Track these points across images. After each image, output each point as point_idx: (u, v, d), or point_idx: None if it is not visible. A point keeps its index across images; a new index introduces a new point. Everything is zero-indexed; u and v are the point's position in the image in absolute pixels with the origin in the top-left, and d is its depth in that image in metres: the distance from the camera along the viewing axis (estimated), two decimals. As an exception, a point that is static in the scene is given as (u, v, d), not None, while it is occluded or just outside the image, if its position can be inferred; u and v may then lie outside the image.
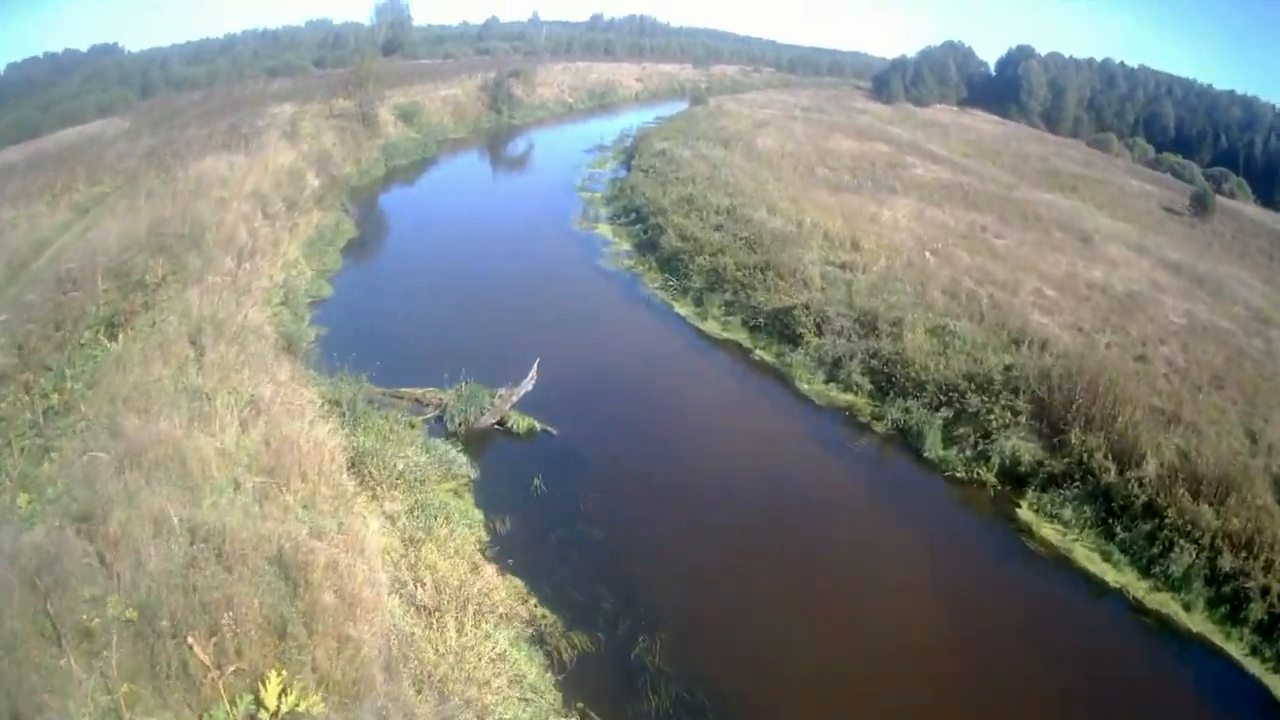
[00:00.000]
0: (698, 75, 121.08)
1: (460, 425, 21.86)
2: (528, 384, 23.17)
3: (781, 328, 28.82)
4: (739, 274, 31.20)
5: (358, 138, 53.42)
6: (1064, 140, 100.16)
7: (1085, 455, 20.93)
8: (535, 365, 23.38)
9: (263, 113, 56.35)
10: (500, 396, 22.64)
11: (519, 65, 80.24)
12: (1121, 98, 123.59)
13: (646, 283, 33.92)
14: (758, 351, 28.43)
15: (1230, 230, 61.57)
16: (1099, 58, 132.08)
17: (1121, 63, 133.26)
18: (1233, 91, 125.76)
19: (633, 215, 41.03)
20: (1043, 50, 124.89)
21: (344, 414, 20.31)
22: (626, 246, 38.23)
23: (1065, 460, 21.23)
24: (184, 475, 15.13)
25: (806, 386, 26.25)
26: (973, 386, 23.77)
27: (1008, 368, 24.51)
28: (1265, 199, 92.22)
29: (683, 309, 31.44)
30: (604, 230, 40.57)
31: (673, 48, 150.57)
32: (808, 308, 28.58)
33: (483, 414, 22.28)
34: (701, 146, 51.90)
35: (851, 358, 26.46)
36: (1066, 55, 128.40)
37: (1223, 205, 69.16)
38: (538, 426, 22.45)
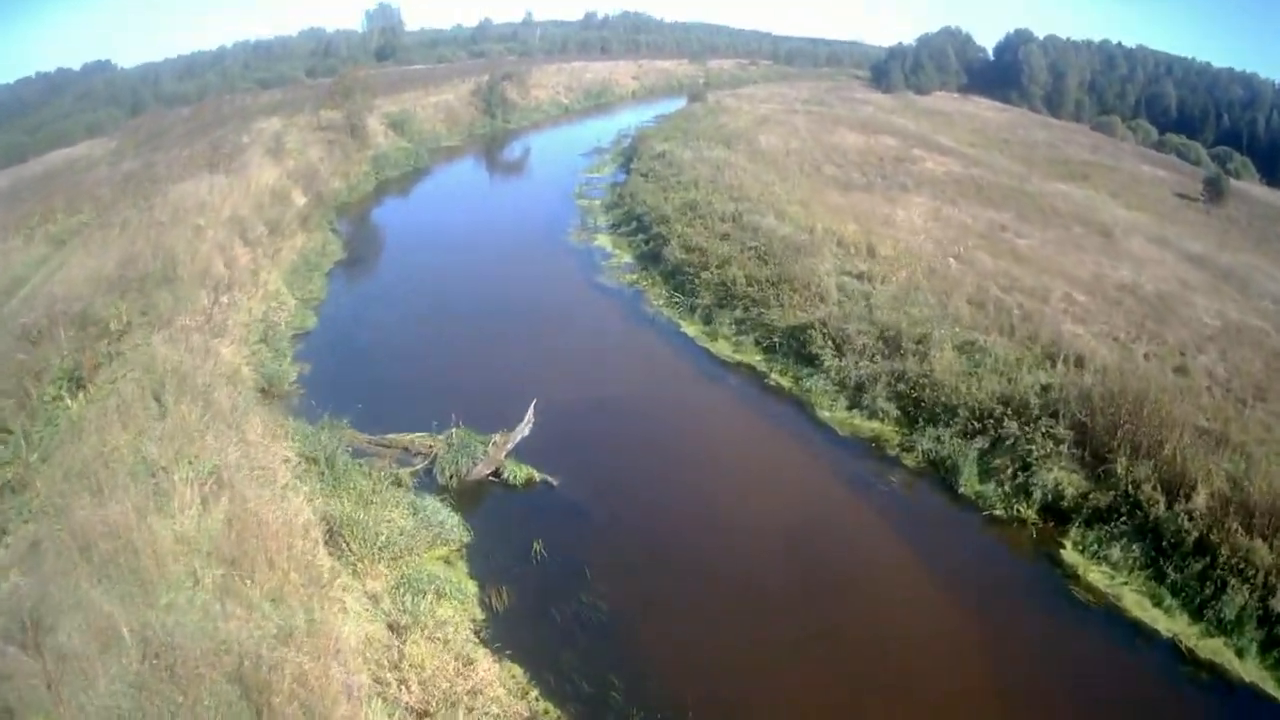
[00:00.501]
0: (695, 71, 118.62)
1: (451, 478, 19.77)
2: (524, 428, 21.18)
3: (798, 348, 26.69)
4: (750, 289, 29.09)
5: (346, 150, 51.34)
6: (1068, 125, 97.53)
7: (1132, 486, 18.75)
8: (532, 407, 21.42)
9: (249, 128, 54.49)
10: (494, 444, 20.57)
11: (511, 68, 77.94)
12: (1122, 79, 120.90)
13: (651, 299, 31.78)
14: (773, 376, 26.29)
15: (1245, 215, 58.98)
16: (1095, 39, 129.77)
17: (1119, 43, 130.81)
18: (1231, 69, 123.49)
19: (633, 224, 38.90)
20: (1039, 33, 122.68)
21: (322, 473, 18.33)
22: (628, 259, 36.11)
23: (1111, 492, 18.99)
24: (137, 570, 13.18)
25: (827, 415, 24.10)
26: (1009, 411, 21.59)
27: (1045, 388, 22.33)
28: (1270, 178, 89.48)
29: (690, 328, 29.31)
30: (604, 241, 38.45)
31: (668, 43, 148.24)
32: (825, 325, 26.44)
33: (476, 464, 20.17)
34: (702, 147, 49.68)
35: (875, 381, 24.36)
36: (1064, 37, 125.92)
37: (1234, 188, 66.63)
38: (536, 477, 20.33)
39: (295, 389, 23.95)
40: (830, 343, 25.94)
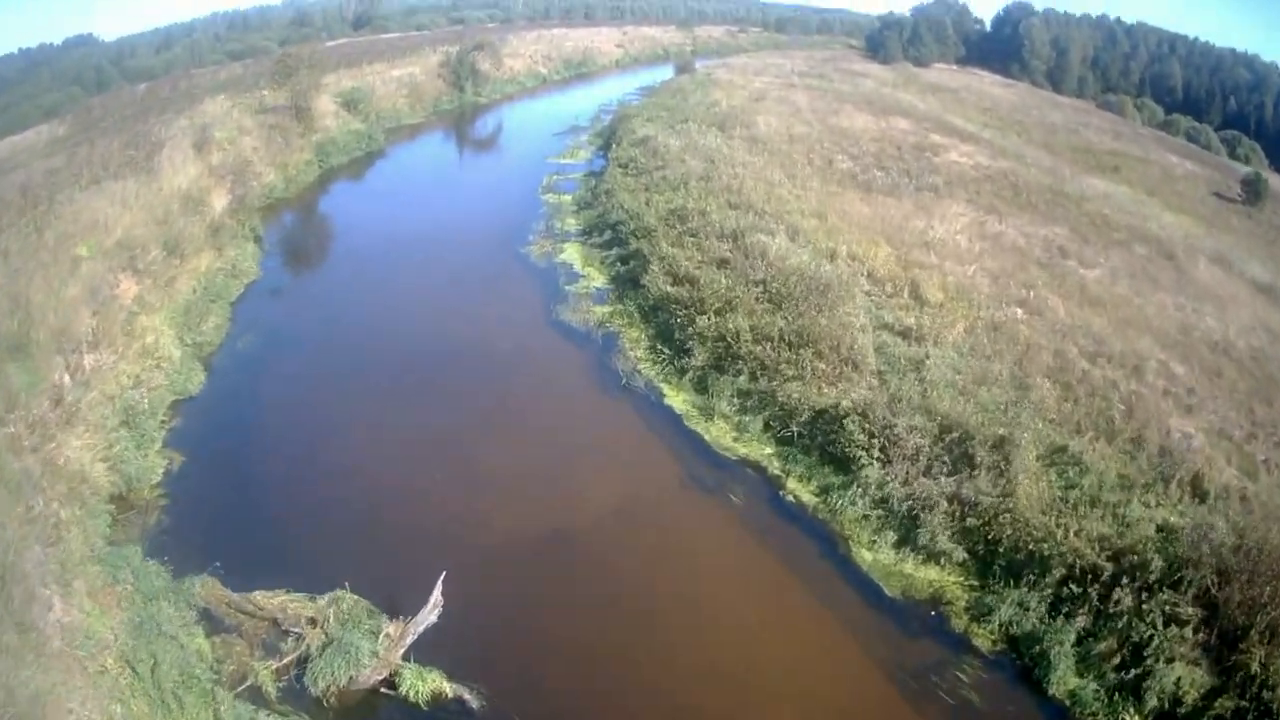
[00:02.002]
0: (682, 38, 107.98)
1: (329, 690, 12.45)
2: (429, 614, 13.60)
3: (825, 442, 18.32)
4: (758, 348, 20.39)
5: (288, 135, 41.70)
6: (1077, 104, 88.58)
7: (1268, 690, 12.64)
8: (439, 586, 13.71)
9: (194, 110, 44.94)
10: (387, 636, 13.16)
11: (483, 37, 67.57)
12: (1125, 56, 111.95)
13: (626, 346, 23.11)
14: (790, 484, 17.88)
15: (1288, 219, 51.06)
16: (1093, 13, 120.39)
17: (1118, 19, 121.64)
18: (1234, 50, 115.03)
19: (608, 233, 29.96)
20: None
21: (151, 693, 11.69)
22: (599, 282, 27.29)
23: (1240, 699, 12.78)
24: None
25: (868, 557, 16.10)
26: (1118, 567, 14.52)
27: (1164, 534, 15.09)
28: (1277, 164, 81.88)
29: (677, 399, 20.69)
30: (572, 255, 29.50)
31: (655, 9, 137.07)
32: (863, 413, 17.92)
33: (362, 667, 12.72)
34: (693, 131, 40.46)
35: (934, 507, 16.34)
36: (1061, 11, 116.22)
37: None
38: (447, 689, 12.74)
39: (157, 497, 17.08)
40: (871, 440, 17.55)
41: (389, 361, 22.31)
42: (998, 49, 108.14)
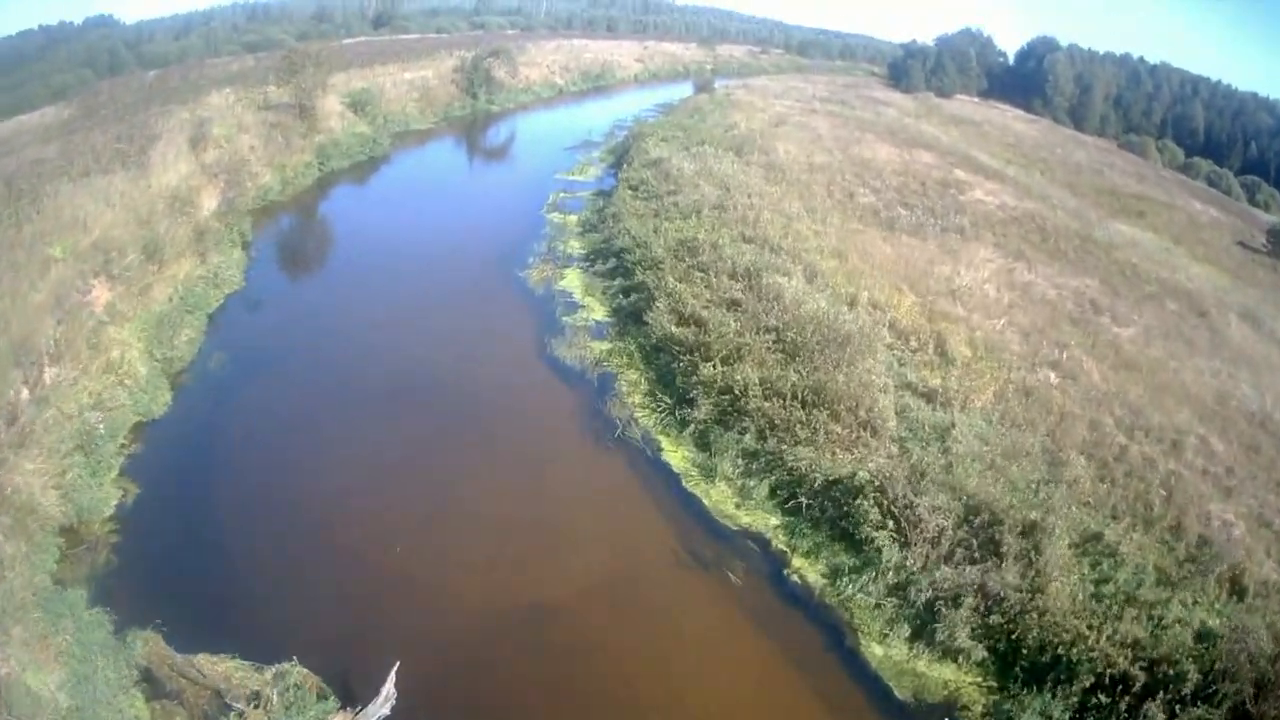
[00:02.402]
0: (703, 56, 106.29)
1: None
2: (380, 709, 11.84)
3: (837, 516, 16.28)
4: (768, 405, 18.30)
5: (289, 135, 39.77)
6: (1101, 143, 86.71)
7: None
8: (391, 678, 11.93)
9: (197, 101, 43.19)
10: None
11: (500, 44, 65.79)
12: (1148, 96, 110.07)
13: (623, 389, 21.04)
14: (796, 562, 15.83)
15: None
16: (1116, 51, 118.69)
17: (1141, 58, 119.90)
18: (1256, 95, 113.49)
19: (612, 261, 27.94)
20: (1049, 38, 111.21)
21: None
22: (599, 315, 25.24)
23: None
24: None
25: (879, 651, 14.15)
26: (1151, 678, 12.87)
27: (1202, 641, 13.42)
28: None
29: (676, 455, 18.62)
30: (572, 282, 27.47)
31: (677, 26, 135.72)
32: (881, 489, 15.86)
33: None
34: (708, 155, 38.55)
35: (956, 600, 14.33)
36: (1085, 47, 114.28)
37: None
38: None
39: (108, 533, 15.25)
40: (889, 518, 15.50)
41: (366, 394, 20.32)
42: (1020, 83, 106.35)
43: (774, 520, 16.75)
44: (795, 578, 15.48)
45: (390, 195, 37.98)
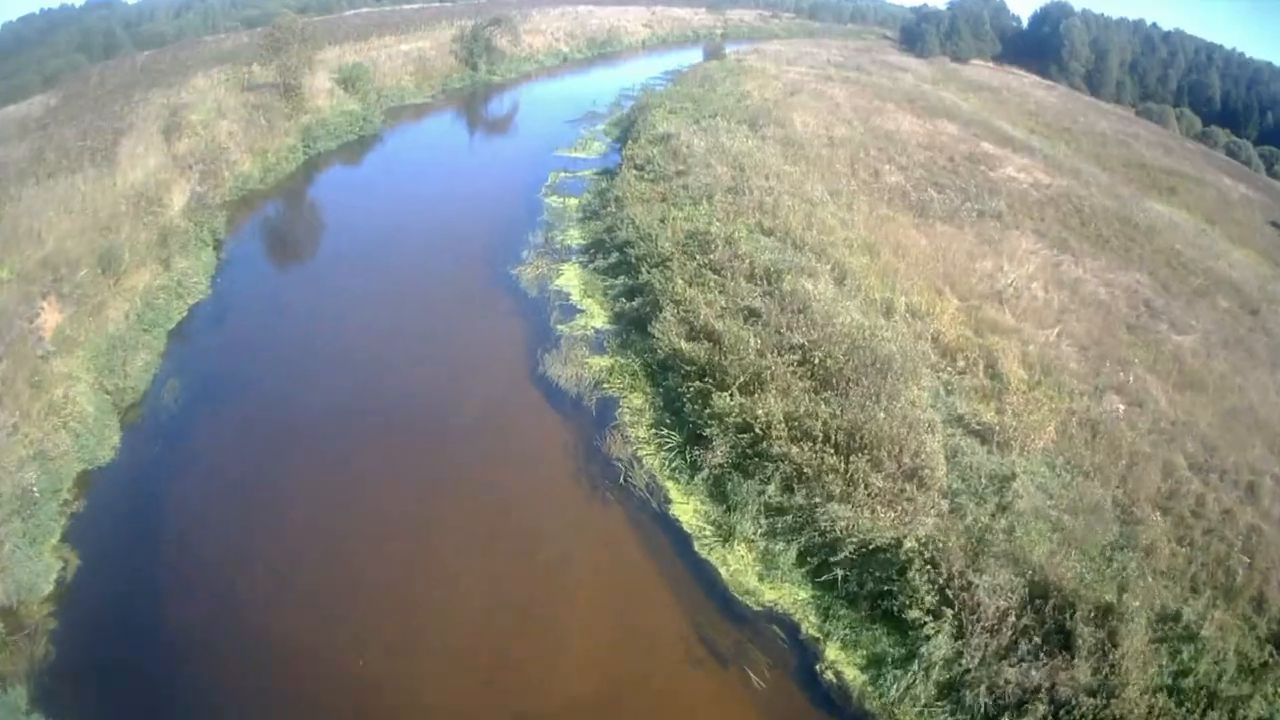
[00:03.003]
0: (712, 20, 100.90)
1: None
2: None
3: (878, 592, 13.09)
4: (797, 449, 14.82)
5: (272, 117, 35.96)
6: (1117, 110, 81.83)
7: None
8: None
9: (185, 84, 39.62)
10: None
11: (502, 12, 61.30)
12: (1163, 63, 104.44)
13: (626, 419, 17.65)
14: (831, 652, 12.66)
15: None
16: (1130, 17, 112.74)
17: (1155, 24, 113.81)
18: (1271, 64, 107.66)
19: (614, 255, 24.35)
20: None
21: None
22: (600, 321, 21.75)
23: None
24: None
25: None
26: None
27: None
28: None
29: (687, 508, 15.27)
30: (570, 279, 23.95)
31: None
32: (932, 563, 12.58)
33: None
34: (720, 128, 34.66)
35: (1021, 705, 11.21)
36: (1098, 12, 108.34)
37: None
38: None
39: (48, 614, 12.52)
40: (938, 595, 12.19)
41: (333, 425, 17.04)
42: (1035, 48, 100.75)
43: (804, 594, 13.46)
44: (830, 675, 12.23)
45: (376, 179, 34.23)
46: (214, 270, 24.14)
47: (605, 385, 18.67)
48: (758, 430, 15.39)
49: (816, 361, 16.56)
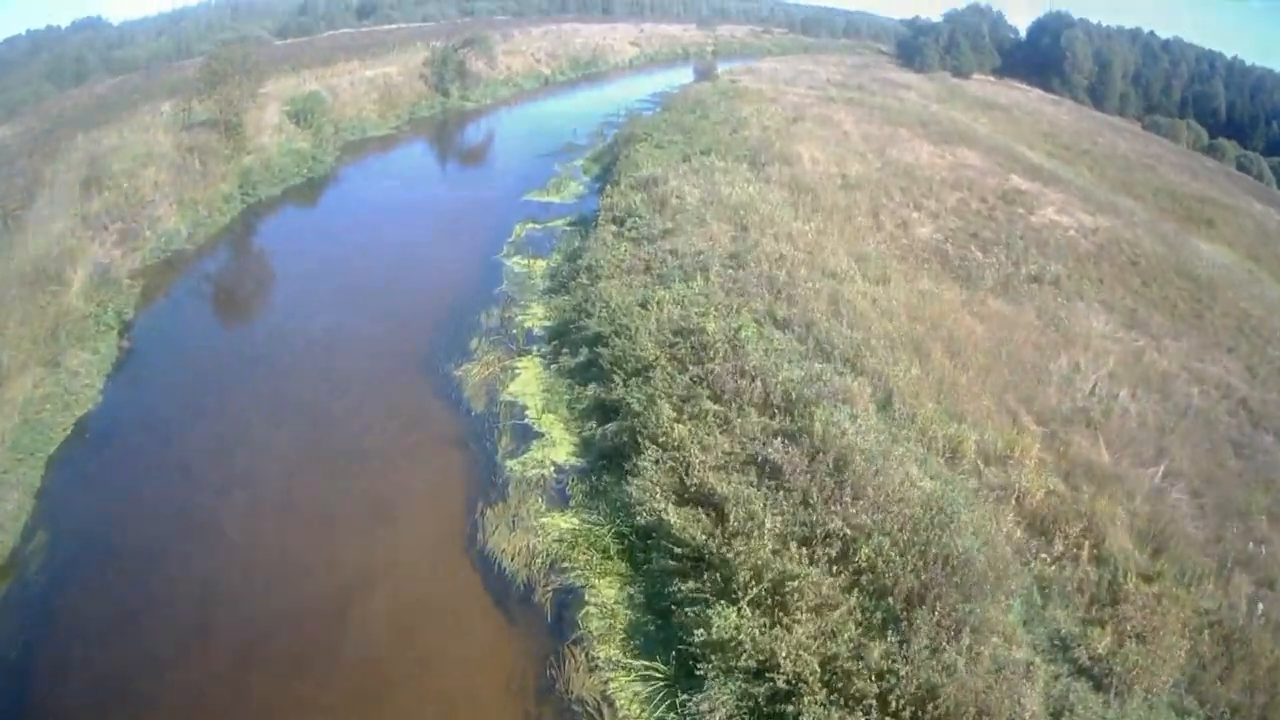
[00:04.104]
0: (703, 37, 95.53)
1: None
2: None
3: None
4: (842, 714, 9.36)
5: (209, 160, 30.48)
6: (1129, 126, 77.07)
7: None
8: None
9: (132, 117, 34.57)
10: None
11: (479, 31, 55.79)
12: (1166, 74, 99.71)
13: (591, 627, 12.13)
14: None
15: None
16: (1127, 25, 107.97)
17: (1153, 33, 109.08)
18: (1273, 71, 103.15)
19: (584, 352, 18.72)
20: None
21: None
22: (563, 453, 16.15)
23: None
24: None
25: None
26: None
27: None
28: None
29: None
30: (527, 385, 18.41)
31: (675, 6, 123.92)
32: None
33: None
34: (715, 168, 29.32)
35: None
36: (1095, 22, 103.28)
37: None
38: None
39: None
40: None
41: (210, 620, 11.52)
42: (1035, 60, 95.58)
43: None
44: None
45: (309, 239, 28.31)
46: (113, 364, 18.85)
47: (565, 565, 13.17)
48: (779, 683, 9.94)
49: (863, 566, 11.10)
